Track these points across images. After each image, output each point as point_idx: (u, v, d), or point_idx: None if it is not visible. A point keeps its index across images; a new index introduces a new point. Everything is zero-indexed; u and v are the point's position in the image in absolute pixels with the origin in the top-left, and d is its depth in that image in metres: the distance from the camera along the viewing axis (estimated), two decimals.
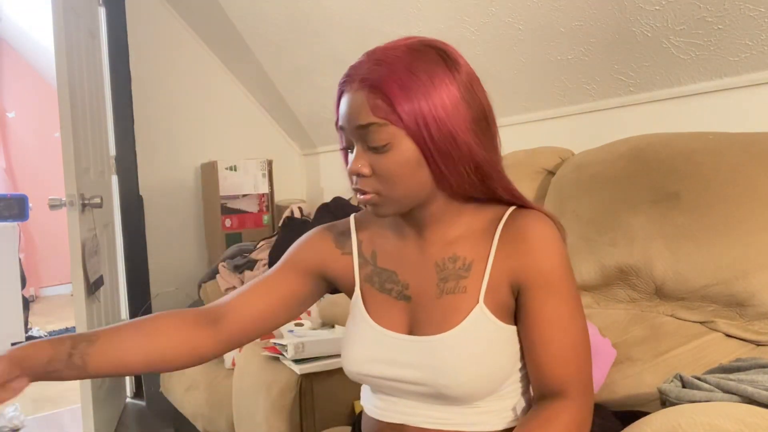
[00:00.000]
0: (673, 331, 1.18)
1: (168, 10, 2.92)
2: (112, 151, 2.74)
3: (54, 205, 2.02)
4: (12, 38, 5.18)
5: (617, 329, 1.25)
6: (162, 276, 2.89)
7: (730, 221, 1.14)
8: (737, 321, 1.13)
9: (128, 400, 2.79)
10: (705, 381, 0.86)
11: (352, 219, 0.91)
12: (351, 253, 0.88)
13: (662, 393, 0.89)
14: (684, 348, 1.14)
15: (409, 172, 0.73)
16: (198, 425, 1.93)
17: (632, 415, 0.91)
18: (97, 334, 0.79)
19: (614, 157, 1.40)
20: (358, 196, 0.77)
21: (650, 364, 1.15)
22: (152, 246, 2.87)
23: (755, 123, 1.39)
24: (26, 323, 3.91)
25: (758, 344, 1.10)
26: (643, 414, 0.80)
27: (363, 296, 0.85)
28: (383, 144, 0.72)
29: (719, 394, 0.82)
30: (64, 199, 2.00)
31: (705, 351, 1.12)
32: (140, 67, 2.81)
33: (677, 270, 1.18)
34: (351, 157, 0.76)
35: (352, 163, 0.75)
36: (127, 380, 2.81)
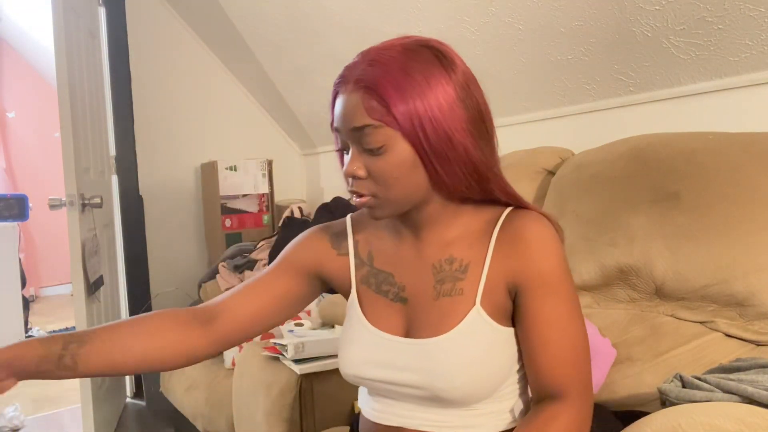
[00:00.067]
0: (673, 331, 1.18)
1: (168, 10, 2.92)
2: (112, 151, 2.74)
3: (54, 205, 2.02)
4: (12, 38, 5.18)
5: (617, 329, 1.25)
6: (162, 276, 2.89)
7: (730, 221, 1.14)
8: (737, 321, 1.13)
9: (128, 400, 2.79)
10: (705, 381, 0.86)
11: (349, 219, 0.90)
12: (347, 254, 0.87)
13: (662, 393, 0.89)
14: (684, 348, 1.14)
15: (405, 174, 0.72)
16: (198, 425, 1.93)
17: (632, 415, 0.91)
18: (89, 335, 0.78)
19: (614, 157, 1.40)
20: (354, 199, 0.76)
21: (650, 364, 1.15)
22: (152, 246, 2.87)
23: (755, 123, 1.39)
24: (26, 323, 3.91)
25: (758, 344, 1.10)
26: (643, 414, 0.80)
27: (359, 298, 0.84)
28: (378, 146, 0.71)
29: (719, 394, 0.82)
30: (64, 199, 2.00)
31: (705, 351, 1.12)
32: (140, 67, 2.81)
33: (677, 270, 1.18)
34: (346, 159, 0.75)
35: (348, 166, 0.74)
36: (127, 380, 2.81)
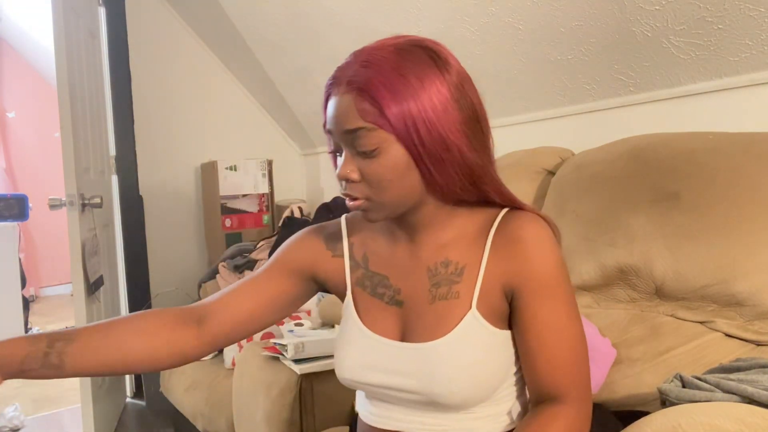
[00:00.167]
0: (673, 331, 1.18)
1: (168, 10, 2.92)
2: (112, 151, 2.74)
3: (54, 205, 2.02)
4: (12, 38, 5.18)
5: (617, 329, 1.25)
6: (162, 276, 2.89)
7: (730, 221, 1.14)
8: (737, 321, 1.13)
9: (128, 400, 2.79)
10: (705, 381, 0.86)
11: (343, 220, 0.89)
12: (342, 256, 0.86)
13: (662, 393, 0.89)
14: (684, 348, 1.14)
15: (399, 177, 0.71)
16: (198, 425, 1.93)
17: (632, 415, 0.91)
18: (76, 333, 0.76)
19: (614, 157, 1.40)
20: (348, 202, 0.75)
21: (650, 364, 1.15)
22: (152, 246, 2.87)
23: (755, 123, 1.39)
24: (26, 323, 3.91)
25: (758, 344, 1.10)
26: (643, 414, 0.80)
27: (354, 300, 0.83)
28: (372, 149, 0.70)
29: (719, 394, 0.82)
30: (64, 199, 2.00)
31: (705, 351, 1.12)
32: (140, 67, 2.81)
33: (677, 270, 1.18)
34: (340, 161, 0.74)
35: (341, 169, 0.73)
36: (127, 380, 2.81)
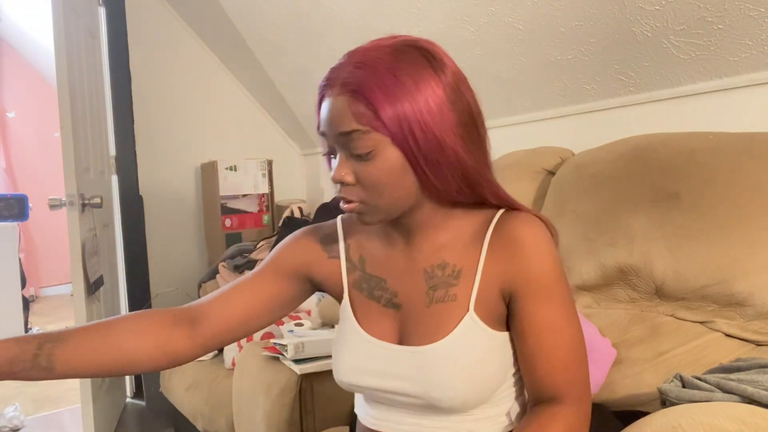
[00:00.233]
0: (673, 331, 1.18)
1: (168, 10, 2.92)
2: (112, 151, 2.74)
3: (54, 205, 2.02)
4: (12, 38, 5.18)
5: (617, 329, 1.25)
6: (162, 276, 2.89)
7: (730, 221, 1.14)
8: (737, 321, 1.13)
9: (128, 400, 2.79)
10: (705, 381, 0.86)
11: (339, 222, 0.88)
12: (338, 257, 0.85)
13: (662, 393, 0.89)
14: (684, 348, 1.14)
15: (395, 180, 0.70)
16: (198, 425, 1.93)
17: (632, 415, 0.91)
18: (66, 334, 0.75)
19: (614, 157, 1.40)
20: (342, 205, 0.74)
21: (650, 364, 1.15)
22: (152, 246, 2.87)
23: (755, 123, 1.39)
24: (26, 323, 3.91)
25: (758, 344, 1.10)
26: (643, 414, 0.80)
27: (352, 302, 0.83)
28: (367, 151, 0.69)
29: (719, 394, 0.82)
30: (64, 199, 2.00)
31: (705, 351, 1.12)
32: (140, 67, 2.81)
33: (677, 270, 1.18)
34: (334, 164, 0.73)
35: (335, 171, 0.72)
36: (127, 380, 2.81)
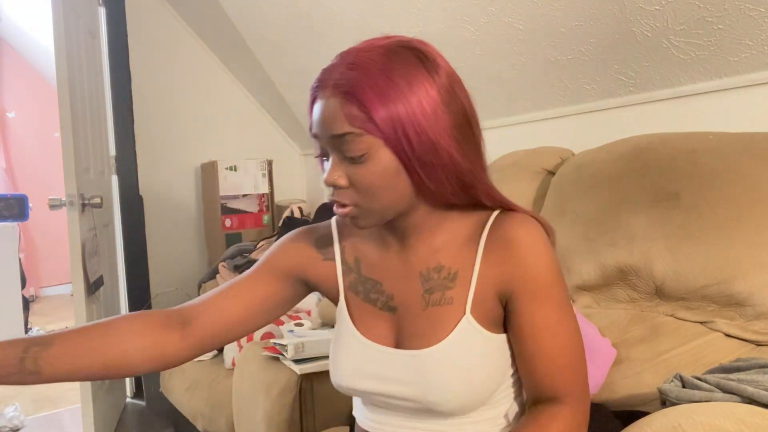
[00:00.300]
0: (673, 331, 1.18)
1: (168, 10, 2.92)
2: (112, 151, 2.74)
3: (54, 205, 2.02)
4: (12, 38, 5.18)
5: (617, 329, 1.25)
6: (162, 276, 2.89)
7: (730, 221, 1.14)
8: (737, 321, 1.13)
9: (128, 400, 2.79)
10: (705, 381, 0.86)
11: (334, 223, 0.87)
12: (333, 259, 0.84)
13: (662, 393, 0.89)
14: (684, 348, 1.14)
15: (388, 183, 0.69)
16: (198, 425, 1.93)
17: (632, 415, 0.92)
18: (54, 338, 0.74)
19: (614, 157, 1.40)
20: (336, 209, 0.73)
21: (650, 364, 1.15)
22: (152, 246, 2.87)
23: (755, 123, 1.39)
24: (26, 323, 3.91)
25: (758, 344, 1.10)
26: (643, 414, 0.80)
27: (348, 305, 0.82)
28: (360, 154, 0.67)
29: (719, 394, 0.82)
30: (64, 199, 2.00)
31: (705, 351, 1.12)
32: (140, 67, 2.81)
33: (677, 270, 1.18)
34: (327, 166, 0.72)
35: (328, 174, 0.70)
36: (127, 380, 2.80)
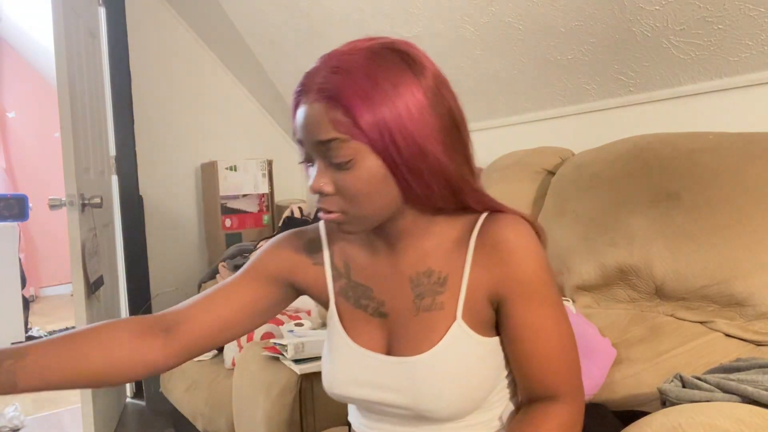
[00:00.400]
0: (673, 331, 1.18)
1: (168, 10, 2.92)
2: (112, 151, 2.74)
3: (54, 205, 2.02)
4: (12, 38, 5.17)
5: (617, 329, 1.25)
6: (162, 276, 2.89)
7: (731, 221, 1.14)
8: (737, 321, 1.13)
9: (128, 400, 2.79)
10: (705, 381, 0.86)
11: (323, 227, 0.85)
12: (322, 264, 0.83)
13: (662, 393, 0.89)
14: (684, 348, 1.14)
15: (375, 189, 0.68)
16: (198, 425, 1.93)
17: (632, 415, 0.91)
18: (29, 349, 0.72)
19: (614, 157, 1.40)
20: (322, 215, 0.71)
21: (650, 364, 1.15)
22: (152, 246, 2.87)
23: (755, 123, 1.39)
24: (26, 323, 3.91)
25: (758, 344, 1.10)
26: (643, 414, 0.80)
27: (338, 311, 0.81)
28: (346, 160, 0.66)
29: (719, 394, 0.82)
30: (64, 199, 2.00)
31: (705, 351, 1.12)
32: (140, 67, 2.81)
33: (677, 270, 1.18)
34: (312, 172, 0.70)
35: (314, 181, 0.69)
36: None
